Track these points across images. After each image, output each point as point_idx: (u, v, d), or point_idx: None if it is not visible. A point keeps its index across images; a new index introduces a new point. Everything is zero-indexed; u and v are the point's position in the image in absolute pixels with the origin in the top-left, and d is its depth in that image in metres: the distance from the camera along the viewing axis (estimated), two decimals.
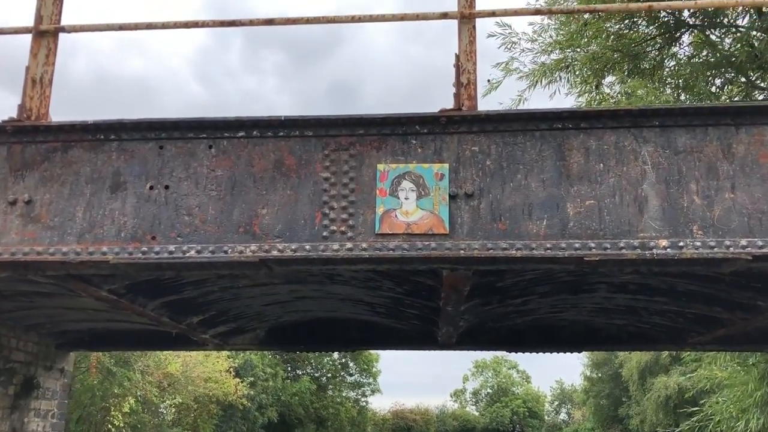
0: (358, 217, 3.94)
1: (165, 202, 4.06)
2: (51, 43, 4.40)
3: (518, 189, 3.90)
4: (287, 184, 4.03)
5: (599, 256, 3.73)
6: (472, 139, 4.01)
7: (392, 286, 5.47)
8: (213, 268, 3.99)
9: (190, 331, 6.95)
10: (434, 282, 4.89)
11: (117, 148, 4.18)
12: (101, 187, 4.12)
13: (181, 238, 3.99)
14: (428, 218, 3.89)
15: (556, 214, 3.84)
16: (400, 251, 3.84)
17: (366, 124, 4.05)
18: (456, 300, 5.15)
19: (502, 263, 3.88)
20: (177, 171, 4.11)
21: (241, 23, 4.28)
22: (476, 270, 4.38)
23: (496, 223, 3.86)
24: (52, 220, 4.10)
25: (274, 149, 4.09)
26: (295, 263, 3.96)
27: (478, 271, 4.50)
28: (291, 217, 3.97)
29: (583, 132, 3.96)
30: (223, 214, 4.01)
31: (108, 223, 4.06)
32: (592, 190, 3.86)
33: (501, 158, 3.96)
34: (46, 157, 4.21)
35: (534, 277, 5.18)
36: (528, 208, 3.87)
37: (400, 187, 3.96)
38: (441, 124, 4.01)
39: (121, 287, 5.15)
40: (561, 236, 3.80)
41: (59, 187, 4.15)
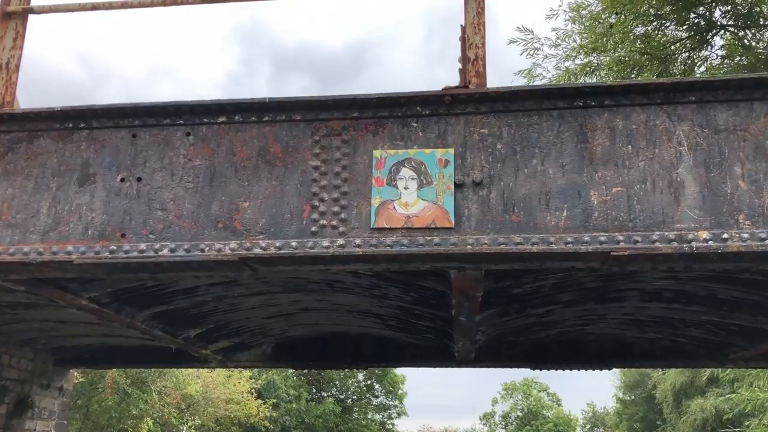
0: (352, 210, 3.47)
1: (137, 196, 3.63)
2: (19, 25, 4.04)
3: (534, 176, 3.41)
4: (272, 174, 3.58)
5: (628, 251, 3.21)
6: (481, 120, 3.53)
7: (399, 293, 4.97)
8: (188, 268, 3.54)
9: (189, 346, 6.51)
10: (443, 287, 4.38)
11: (87, 137, 3.78)
12: (68, 180, 3.71)
13: (153, 235, 3.55)
14: (431, 210, 3.41)
15: (577, 203, 3.33)
16: (398, 248, 3.36)
17: (360, 106, 3.59)
18: (469, 308, 4.64)
19: (515, 261, 3.38)
20: (151, 161, 3.69)
21: None
22: (488, 271, 3.88)
23: (509, 214, 3.36)
24: (14, 217, 3.69)
25: (258, 135, 3.65)
26: (279, 263, 3.49)
27: (490, 272, 4.00)
28: (276, 211, 3.52)
29: (607, 110, 3.45)
30: (200, 209, 3.57)
31: (74, 220, 3.64)
32: (619, 176, 3.35)
33: (514, 141, 3.47)
34: (9, 148, 3.82)
35: (556, 282, 4.65)
36: (545, 197, 3.36)
37: (398, 176, 3.49)
38: (445, 104, 3.54)
39: (102, 295, 4.73)
40: (584, 228, 3.29)
41: (23, 180, 3.75)
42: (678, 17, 11.53)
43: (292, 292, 5.29)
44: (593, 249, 3.23)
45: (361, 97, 3.57)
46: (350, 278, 4.76)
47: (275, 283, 5.06)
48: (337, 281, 4.91)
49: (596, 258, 3.29)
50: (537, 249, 3.27)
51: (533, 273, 4.32)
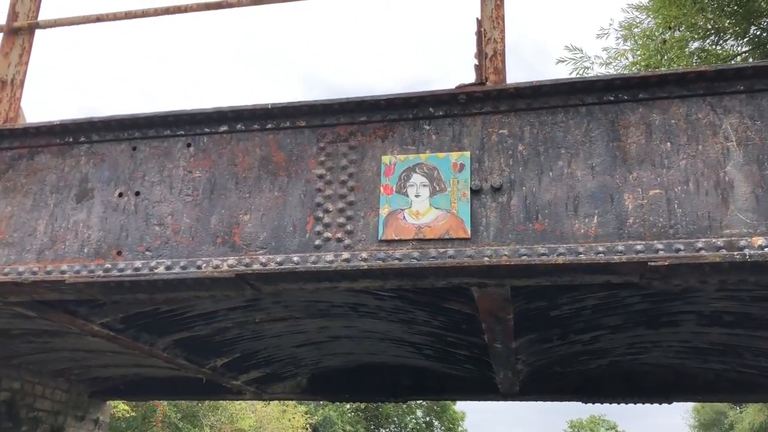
0: (358, 220, 3.17)
1: (134, 211, 3.43)
2: (26, 41, 3.94)
3: (560, 179, 3.04)
4: (275, 185, 3.32)
5: (669, 260, 2.79)
6: (500, 120, 3.20)
7: (426, 317, 4.62)
8: (183, 286, 3.28)
9: (218, 376, 6.27)
10: (471, 309, 4.01)
11: (87, 151, 3.61)
12: (66, 197, 3.54)
13: (150, 252, 3.33)
14: (444, 219, 3.08)
15: (610, 208, 2.95)
16: (407, 261, 3.03)
17: (368, 109, 3.31)
18: (502, 334, 4.24)
19: (540, 275, 3.00)
20: (150, 174, 3.48)
21: (229, 4, 3.68)
22: (516, 289, 3.50)
23: (532, 222, 3.00)
24: (11, 236, 3.53)
25: (261, 144, 3.41)
26: (280, 279, 3.20)
27: (519, 291, 3.62)
28: (278, 224, 3.24)
29: (642, 104, 3.08)
30: (199, 223, 3.33)
31: (71, 238, 3.45)
32: (657, 177, 2.95)
33: (537, 142, 3.12)
34: (10, 165, 3.69)
35: (598, 303, 4.22)
36: (573, 202, 2.99)
37: (409, 183, 3.18)
38: (460, 103, 3.23)
39: (115, 321, 4.53)
40: (617, 237, 2.90)
41: (22, 198, 3.60)
42: (738, 30, 10.94)
43: (316, 317, 4.99)
44: (628, 259, 2.83)
45: (369, 100, 3.29)
46: (372, 301, 4.44)
47: (295, 307, 4.78)
48: (359, 305, 4.60)
49: (632, 270, 2.88)
50: (564, 260, 2.89)
51: (569, 292, 3.91)
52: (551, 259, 2.90)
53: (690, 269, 2.83)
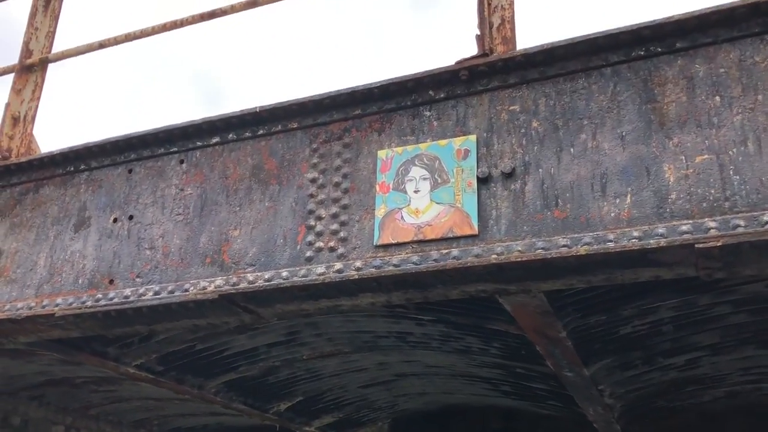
0: (352, 225, 2.75)
1: (127, 236, 3.18)
2: (38, 77, 3.89)
3: (583, 155, 2.49)
4: (265, 195, 2.97)
5: (723, 240, 2.16)
6: (510, 95, 2.70)
7: (479, 344, 4.06)
8: (169, 313, 2.97)
9: (287, 422, 5.91)
10: (517, 329, 3.43)
11: (86, 179, 3.44)
12: (66, 227, 3.36)
13: (140, 278, 3.06)
14: (448, 215, 2.60)
15: (646, 183, 2.36)
16: (405, 267, 2.56)
17: (363, 101, 2.92)
18: (566, 358, 3.61)
19: (564, 272, 2.43)
20: (143, 196, 3.24)
21: (223, 12, 3.44)
22: (554, 297, 2.92)
23: (551, 209, 2.46)
24: (14, 273, 3.39)
25: (252, 152, 3.09)
26: (270, 298, 2.82)
27: (559, 299, 3.03)
28: (268, 237, 2.88)
29: (680, 55, 2.48)
30: (188, 243, 3.03)
31: (67, 269, 3.25)
32: (704, 140, 2.34)
33: (554, 115, 2.60)
34: (18, 200, 3.58)
35: (677, 316, 3.51)
36: (600, 181, 2.43)
37: (407, 177, 2.73)
38: (462, 81, 2.77)
39: (151, 362, 4.30)
40: (657, 217, 2.30)
41: (26, 232, 3.47)
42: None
43: (367, 350, 4.55)
44: (668, 243, 2.22)
45: (361, 89, 2.90)
46: (414, 327, 3.95)
47: (339, 340, 4.37)
48: (405, 333, 4.12)
49: (677, 257, 2.26)
50: (587, 250, 2.32)
51: (630, 300, 3.25)
52: (572, 251, 2.34)
53: (755, 250, 2.18)
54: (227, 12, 3.44)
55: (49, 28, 3.97)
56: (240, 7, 3.39)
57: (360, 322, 4.03)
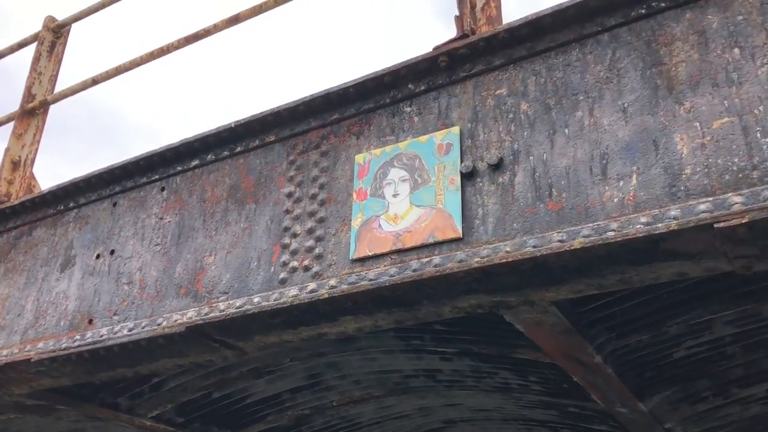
0: (329, 240, 2.43)
1: (108, 272, 2.97)
2: (40, 120, 3.82)
3: (579, 135, 2.10)
4: (241, 215, 2.70)
5: (750, 215, 1.71)
6: (496, 78, 2.35)
7: (517, 379, 3.58)
8: (143, 353, 2.69)
9: None
10: (547, 356, 2.98)
11: (75, 216, 3.28)
12: (53, 268, 3.19)
13: (117, 315, 2.82)
14: (428, 218, 2.24)
15: (654, 159, 1.94)
16: (383, 280, 2.21)
17: (340, 103, 2.63)
18: (613, 391, 3.11)
19: (560, 274, 2.01)
20: (125, 229, 3.04)
21: (207, 32, 3.27)
22: (574, 313, 2.48)
23: (543, 201, 2.06)
24: (4, 319, 3.23)
25: (230, 172, 2.84)
26: (242, 328, 2.51)
27: (579, 314, 2.58)
28: (242, 260, 2.59)
29: (689, 7, 2.08)
30: (164, 274, 2.78)
31: (51, 312, 3.06)
32: (723, 100, 1.91)
33: (545, 94, 2.22)
34: (13, 245, 3.46)
35: (739, 334, 2.95)
36: (600, 162, 2.02)
37: (386, 181, 2.40)
38: (443, 69, 2.43)
39: (167, 412, 4.04)
40: (669, 197, 1.87)
41: (17, 277, 3.32)
42: None
43: (400, 393, 4.14)
44: (680, 226, 1.78)
45: (337, 90, 2.61)
46: (438, 362, 3.54)
47: (366, 382, 3.99)
48: (432, 370, 3.71)
49: (695, 243, 1.82)
50: (583, 243, 1.90)
51: (677, 313, 2.74)
52: (565, 245, 1.93)
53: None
54: (211, 32, 3.26)
55: (53, 71, 3.91)
56: (222, 25, 3.21)
57: (380, 360, 3.66)
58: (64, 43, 3.99)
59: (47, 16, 4.01)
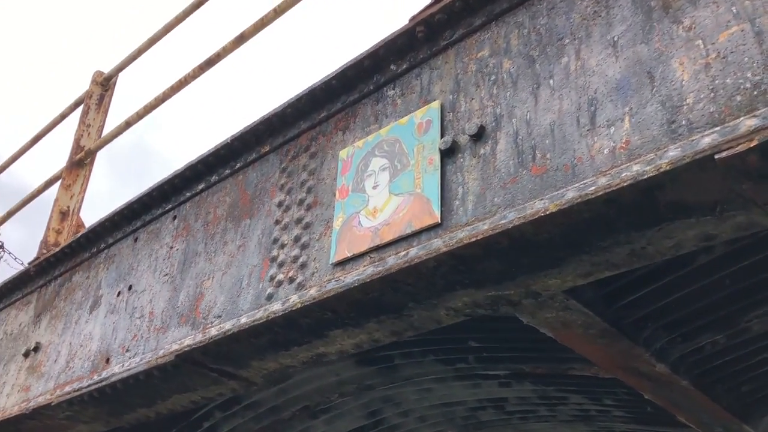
0: (313, 246, 2.17)
1: (125, 308, 2.87)
2: (87, 170, 3.88)
3: (565, 83, 1.73)
4: (237, 233, 2.50)
5: (760, 137, 1.27)
6: (477, 40, 2.02)
7: (594, 404, 3.07)
8: (147, 388, 2.52)
9: None
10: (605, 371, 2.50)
11: (105, 257, 3.23)
12: (84, 310, 3.14)
13: (129, 351, 2.68)
14: (406, 206, 1.93)
15: (649, 95, 1.54)
16: (351, 281, 1.91)
17: (327, 99, 2.39)
18: (701, 409, 2.56)
19: (551, 252, 1.62)
20: (142, 263, 2.93)
21: (218, 57, 3.18)
22: (609, 306, 2.04)
23: (527, 167, 1.70)
24: (45, 365, 3.20)
25: (230, 190, 2.67)
26: (237, 354, 2.28)
27: (623, 310, 2.12)
28: (235, 280, 2.39)
29: None
30: (169, 304, 2.63)
31: (79, 354, 2.99)
32: (730, 6, 1.49)
33: (529, 46, 1.87)
34: (57, 292, 3.47)
35: None
36: (588, 109, 1.65)
37: (366, 173, 2.12)
38: (421, 41, 2.15)
39: None
40: (668, 137, 1.46)
41: (57, 323, 3.30)
42: None
43: (473, 430, 3.71)
44: (674, 165, 1.37)
45: (320, 84, 2.38)
46: (496, 388, 3.12)
47: (431, 418, 3.61)
48: (496, 399, 3.28)
49: (705, 189, 1.38)
50: (561, 206, 1.52)
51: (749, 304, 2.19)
52: (540, 211, 1.55)
53: None
54: (221, 55, 3.17)
55: (100, 122, 3.99)
56: (230, 46, 3.11)
57: (436, 391, 3.29)
58: (111, 94, 4.08)
59: (95, 71, 4.12)
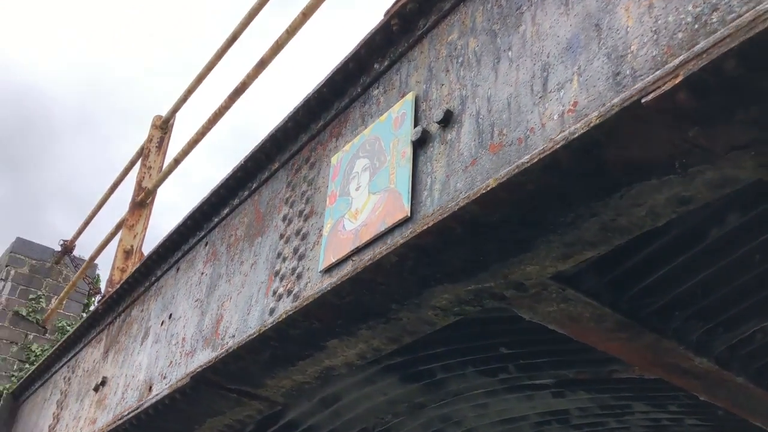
0: (308, 256, 2.12)
1: (166, 336, 2.93)
2: (148, 209, 4.05)
3: (522, 52, 1.60)
4: (251, 252, 2.50)
5: (685, 71, 1.09)
6: (448, 23, 1.93)
7: (655, 411, 2.78)
8: (174, 413, 2.53)
9: None
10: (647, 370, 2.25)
11: (155, 290, 3.33)
12: (138, 342, 3.24)
13: (165, 378, 2.73)
14: (382, 204, 1.85)
15: (596, 49, 1.39)
16: (333, 282, 1.84)
17: (322, 108, 2.36)
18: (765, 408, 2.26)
19: (505, 234, 1.48)
20: (181, 291, 2.99)
21: (244, 85, 3.23)
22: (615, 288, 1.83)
23: (485, 147, 1.58)
24: (108, 398, 3.32)
25: (248, 210, 2.68)
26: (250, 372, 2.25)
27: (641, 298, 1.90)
28: (247, 298, 2.38)
29: None
30: (197, 328, 2.65)
31: (131, 385, 3.08)
32: None
33: (492, 21, 1.76)
34: (120, 327, 3.60)
35: None
36: (541, 75, 1.51)
37: (351, 175, 2.06)
38: (398, 34, 2.07)
39: None
40: (613, 90, 1.30)
41: (119, 357, 3.43)
42: None
43: None
44: (603, 117, 1.21)
45: (313, 94, 2.35)
46: (553, 401, 2.90)
47: None
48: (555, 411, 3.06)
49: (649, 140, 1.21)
50: (500, 179, 1.38)
51: None
52: (482, 188, 1.42)
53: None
54: (247, 84, 3.22)
55: (160, 163, 4.17)
56: (253, 73, 3.16)
57: (492, 406, 3.11)
58: (169, 136, 4.25)
59: (155, 116, 4.32)
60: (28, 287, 5.66)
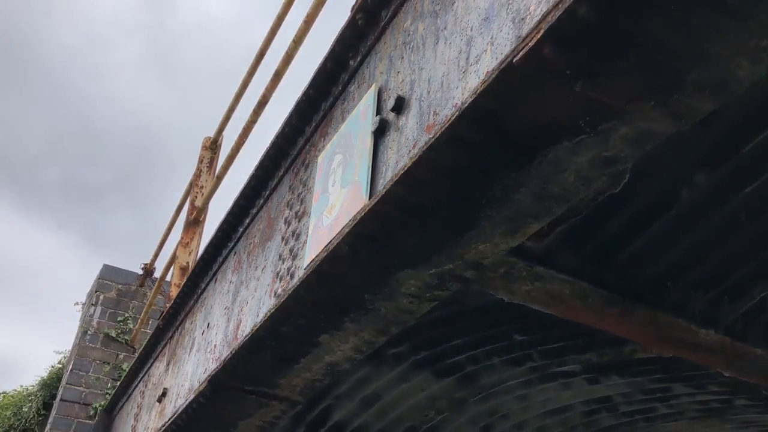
0: (299, 256, 2.17)
1: (204, 344, 3.05)
2: (201, 227, 4.22)
3: (454, 29, 1.58)
4: (262, 256, 2.57)
5: (546, 22, 1.04)
6: (404, 11, 1.92)
7: (695, 391, 2.61)
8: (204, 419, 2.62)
9: None
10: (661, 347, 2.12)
11: (200, 301, 3.47)
12: (187, 352, 3.39)
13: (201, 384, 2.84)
14: (348, 198, 1.86)
15: (505, 15, 1.36)
16: (301, 276, 1.87)
17: (312, 110, 2.41)
18: None
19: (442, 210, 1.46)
20: (216, 300, 3.11)
21: (265, 98, 3.33)
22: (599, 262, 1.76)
23: (423, 129, 1.57)
24: (166, 407, 3.49)
25: (263, 218, 2.76)
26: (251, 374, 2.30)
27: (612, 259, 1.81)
28: (257, 302, 2.45)
29: None
30: (224, 334, 2.75)
31: (181, 393, 3.22)
32: None
33: (435, 2, 1.74)
34: (177, 340, 3.77)
35: None
36: (465, 50, 1.49)
37: (330, 172, 2.08)
38: (363, 28, 2.08)
39: None
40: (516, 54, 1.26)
41: (175, 368, 3.59)
42: None
43: None
44: (485, 84, 1.18)
45: (302, 98, 2.39)
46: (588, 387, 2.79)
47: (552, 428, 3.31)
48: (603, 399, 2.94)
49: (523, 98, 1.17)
50: (413, 158, 1.37)
51: None
52: (401, 168, 1.41)
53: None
54: (267, 96, 3.31)
55: (212, 183, 4.34)
56: (271, 85, 3.24)
57: (532, 397, 3.03)
58: (218, 156, 4.42)
59: (204, 138, 4.51)
60: (116, 310, 6.03)
